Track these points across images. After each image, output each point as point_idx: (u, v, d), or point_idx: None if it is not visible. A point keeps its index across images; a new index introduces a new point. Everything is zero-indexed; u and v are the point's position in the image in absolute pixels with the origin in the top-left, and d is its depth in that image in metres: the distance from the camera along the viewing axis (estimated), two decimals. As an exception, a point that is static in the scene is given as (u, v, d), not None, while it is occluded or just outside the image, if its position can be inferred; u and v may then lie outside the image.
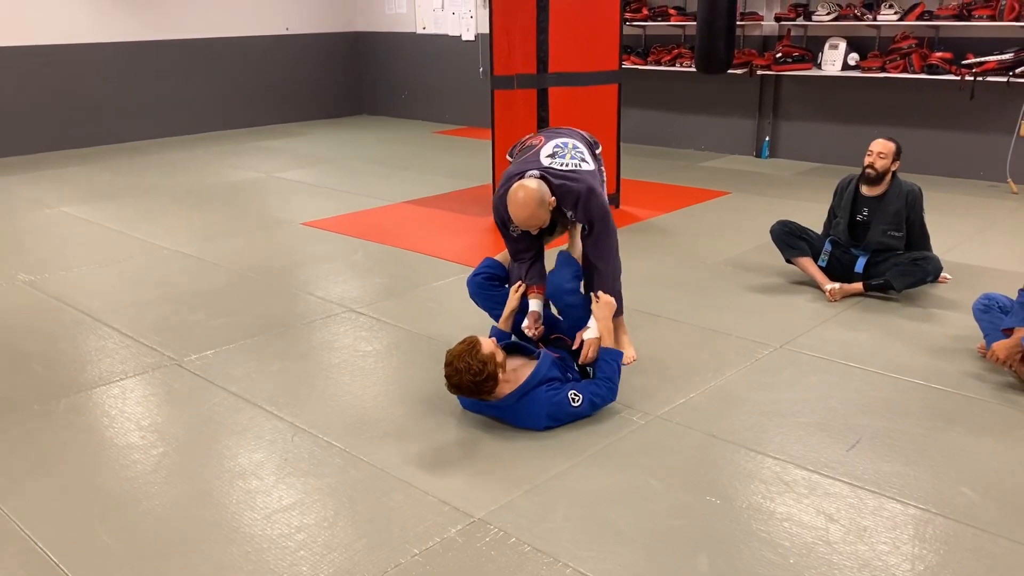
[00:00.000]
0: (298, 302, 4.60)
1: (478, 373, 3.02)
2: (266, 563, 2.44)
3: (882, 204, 4.46)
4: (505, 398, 3.13)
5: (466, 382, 3.04)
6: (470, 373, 3.02)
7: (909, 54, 7.07)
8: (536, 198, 3.28)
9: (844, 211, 4.58)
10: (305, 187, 7.53)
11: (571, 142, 3.55)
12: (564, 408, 3.15)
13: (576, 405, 3.15)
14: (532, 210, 3.29)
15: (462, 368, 3.03)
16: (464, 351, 3.06)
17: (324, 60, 11.53)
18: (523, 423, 3.17)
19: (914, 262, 4.36)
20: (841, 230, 4.58)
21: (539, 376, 3.16)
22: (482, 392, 3.09)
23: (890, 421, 3.19)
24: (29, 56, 9.00)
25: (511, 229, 3.50)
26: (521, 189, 3.30)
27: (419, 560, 2.44)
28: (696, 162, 8.31)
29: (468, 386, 3.06)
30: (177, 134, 10.29)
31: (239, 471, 2.93)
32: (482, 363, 3.03)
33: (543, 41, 5.60)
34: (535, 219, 3.34)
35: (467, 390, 3.08)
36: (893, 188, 4.46)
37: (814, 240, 4.67)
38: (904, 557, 2.41)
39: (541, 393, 3.14)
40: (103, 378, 3.68)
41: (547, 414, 3.14)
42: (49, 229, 6.22)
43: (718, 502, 2.70)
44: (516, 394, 3.13)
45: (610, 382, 3.25)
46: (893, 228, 4.44)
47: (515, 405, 3.14)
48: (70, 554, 2.50)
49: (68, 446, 3.13)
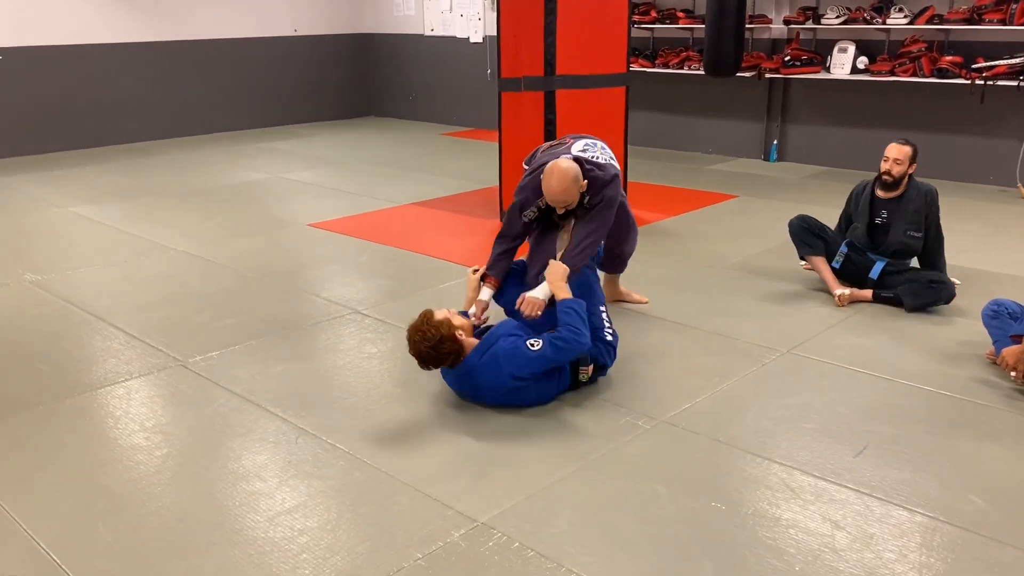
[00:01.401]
0: (304, 303, 4.60)
1: (431, 339, 3.14)
2: (268, 566, 2.43)
3: (901, 204, 4.43)
4: (468, 358, 3.24)
5: (424, 350, 3.16)
6: (425, 341, 3.15)
7: (919, 58, 7.04)
8: (573, 173, 3.52)
9: (862, 215, 4.53)
10: (312, 188, 7.53)
11: (599, 143, 3.81)
12: (522, 352, 3.17)
13: (535, 349, 3.17)
14: (567, 184, 3.50)
15: (417, 338, 3.17)
16: (418, 322, 3.21)
17: (332, 61, 11.55)
18: (488, 382, 3.23)
19: (929, 284, 4.31)
20: (860, 234, 4.53)
21: (500, 330, 3.30)
22: (443, 356, 3.20)
23: (898, 427, 3.16)
24: (38, 56, 9.03)
25: (528, 210, 3.70)
26: (561, 164, 3.53)
27: (422, 564, 2.43)
28: (704, 165, 8.28)
29: (428, 353, 3.17)
30: (185, 135, 10.31)
31: (243, 473, 2.92)
32: (435, 328, 3.16)
33: (551, 43, 5.58)
34: (567, 194, 3.54)
35: (429, 358, 3.19)
36: (911, 189, 4.43)
37: (831, 240, 4.62)
38: (911, 565, 2.39)
39: (501, 343, 3.23)
40: (108, 378, 3.68)
41: (507, 360, 3.18)
42: (57, 229, 6.23)
43: (723, 508, 2.68)
44: (478, 351, 3.23)
45: (570, 326, 3.23)
46: (914, 228, 4.40)
47: (478, 363, 3.22)
48: (72, 554, 2.49)
49: (72, 446, 3.13)
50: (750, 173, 7.89)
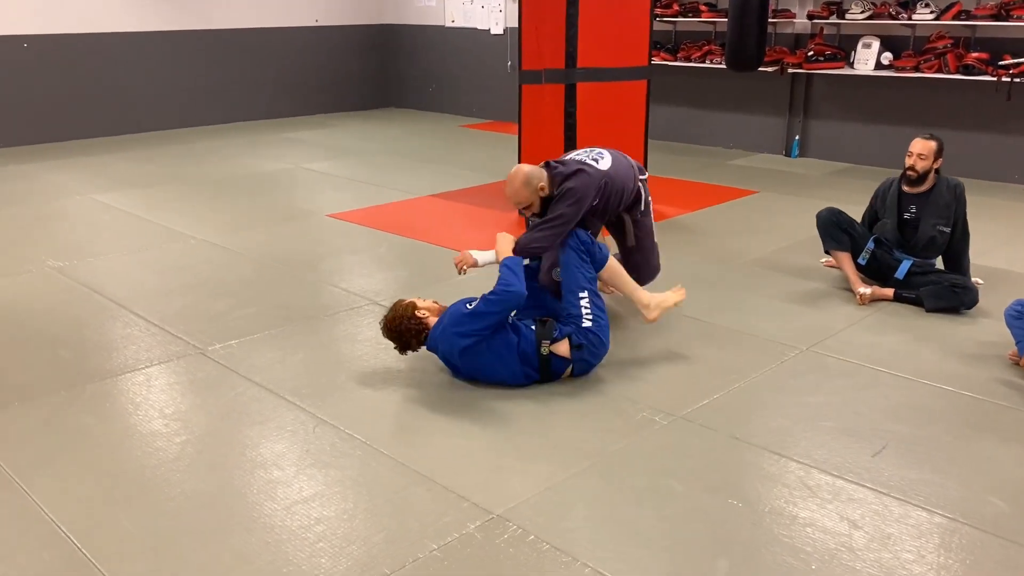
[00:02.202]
0: (322, 294, 4.62)
1: (389, 318, 3.49)
2: (285, 554, 2.44)
3: (931, 199, 4.38)
4: (431, 333, 3.47)
5: (383, 328, 3.51)
6: (384, 320, 3.51)
7: (944, 54, 6.96)
8: (522, 176, 3.70)
9: (891, 211, 4.49)
10: (332, 179, 7.55)
11: (606, 151, 3.94)
12: (460, 312, 3.39)
13: (470, 307, 3.37)
14: (517, 186, 3.69)
15: (382, 324, 3.53)
16: (389, 310, 3.56)
17: (353, 52, 11.56)
18: (446, 348, 3.42)
19: (952, 288, 4.26)
20: (890, 230, 4.48)
21: (454, 305, 3.49)
22: (404, 335, 3.47)
23: (918, 428, 3.14)
24: (62, 44, 9.10)
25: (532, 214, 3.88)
26: (516, 167, 3.77)
27: (437, 555, 2.43)
28: (725, 160, 8.23)
29: (389, 333, 3.50)
30: (206, 124, 10.36)
31: (261, 461, 2.94)
32: (393, 310, 3.50)
33: (572, 36, 5.56)
34: (519, 195, 3.72)
35: (392, 337, 3.50)
36: (940, 183, 4.39)
37: (858, 236, 4.57)
38: (929, 566, 2.37)
39: (448, 310, 3.48)
40: (128, 365, 3.71)
41: (450, 323, 3.38)
42: (78, 216, 6.29)
43: (740, 505, 2.67)
44: (437, 325, 3.47)
45: (502, 280, 3.39)
46: (943, 223, 4.36)
47: (437, 334, 3.44)
48: (92, 538, 2.52)
49: (93, 432, 3.16)
50: (771, 169, 7.83)
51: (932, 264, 4.47)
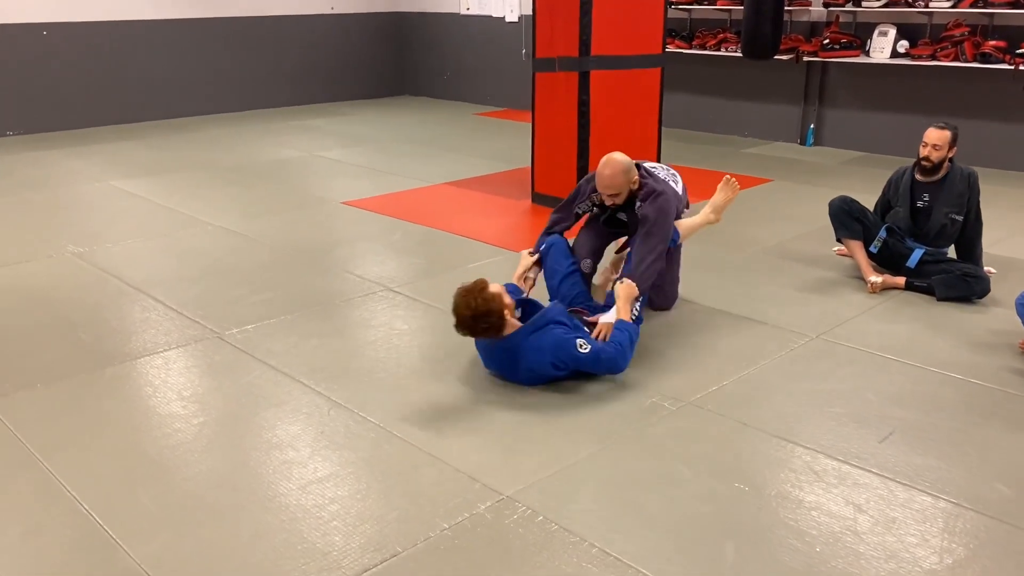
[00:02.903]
0: (337, 280, 4.67)
1: (475, 308, 3.20)
2: (300, 532, 2.50)
3: (944, 187, 4.38)
4: (513, 335, 3.28)
5: (464, 315, 3.23)
6: (468, 308, 3.21)
7: (961, 42, 6.91)
8: (625, 164, 3.75)
9: (904, 199, 4.49)
10: (346, 166, 7.61)
11: (671, 169, 4.14)
12: (570, 350, 3.25)
13: (583, 351, 3.26)
14: (617, 171, 3.73)
15: (461, 303, 3.23)
16: (469, 288, 3.26)
17: (368, 40, 11.60)
18: (528, 364, 3.28)
19: (964, 277, 4.26)
20: (902, 218, 4.49)
21: (550, 314, 3.34)
22: (480, 328, 3.26)
23: (925, 414, 3.16)
24: (80, 32, 9.18)
25: (582, 203, 3.99)
26: (614, 154, 3.77)
27: (448, 534, 2.49)
28: (739, 148, 8.22)
29: (466, 320, 3.23)
30: (222, 111, 10.44)
31: (276, 442, 3.00)
32: (484, 300, 3.21)
33: (586, 23, 5.57)
34: (615, 180, 3.74)
35: (466, 325, 3.25)
36: (953, 172, 4.39)
37: (870, 225, 4.57)
38: (932, 550, 2.40)
39: (552, 330, 3.28)
40: (147, 349, 3.79)
41: (553, 350, 3.25)
42: (97, 203, 6.38)
43: (747, 489, 2.71)
44: (526, 330, 3.28)
45: (620, 345, 3.33)
46: (955, 211, 4.36)
47: (523, 342, 3.27)
48: (113, 515, 2.59)
49: (113, 413, 3.24)
50: (786, 157, 7.82)
51: (944, 253, 4.47)
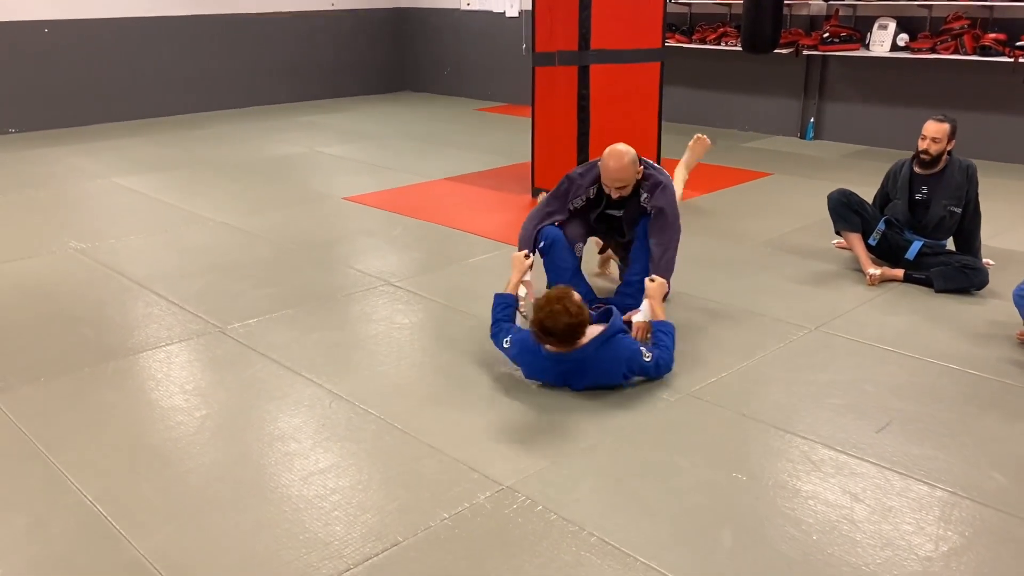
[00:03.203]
0: (338, 275, 4.70)
1: (576, 315, 3.10)
2: (302, 522, 2.53)
3: (943, 179, 4.40)
4: (585, 346, 3.19)
5: (562, 324, 3.09)
6: (568, 315, 3.08)
7: (961, 35, 6.91)
8: (631, 155, 3.68)
9: (902, 191, 4.51)
10: (347, 162, 7.63)
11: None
12: (639, 360, 3.27)
13: (647, 360, 3.28)
14: (626, 163, 3.67)
15: (559, 310, 3.08)
16: (562, 295, 3.14)
17: (368, 36, 11.61)
18: (600, 373, 3.24)
19: (962, 269, 4.29)
20: (901, 210, 4.51)
21: (617, 326, 3.30)
22: (573, 338, 3.15)
23: (923, 405, 3.18)
24: (81, 30, 9.20)
25: (575, 196, 3.87)
26: (616, 147, 3.71)
27: (448, 524, 2.51)
28: (739, 142, 8.23)
29: (563, 329, 3.10)
30: (224, 108, 10.46)
31: (278, 434, 3.03)
32: (578, 307, 3.13)
33: (586, 18, 5.58)
34: (625, 172, 3.69)
35: (560, 334, 3.12)
36: (952, 164, 4.40)
37: (869, 217, 4.60)
38: (928, 538, 2.43)
39: (622, 340, 3.27)
40: (150, 343, 3.81)
41: (628, 361, 3.25)
42: (99, 199, 6.40)
43: (744, 479, 2.73)
44: (598, 341, 3.21)
45: (668, 349, 3.39)
46: (954, 203, 4.38)
47: (595, 353, 3.21)
48: (118, 507, 2.62)
49: (116, 407, 3.26)
50: (785, 151, 7.83)
51: (943, 245, 4.49)
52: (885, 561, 2.33)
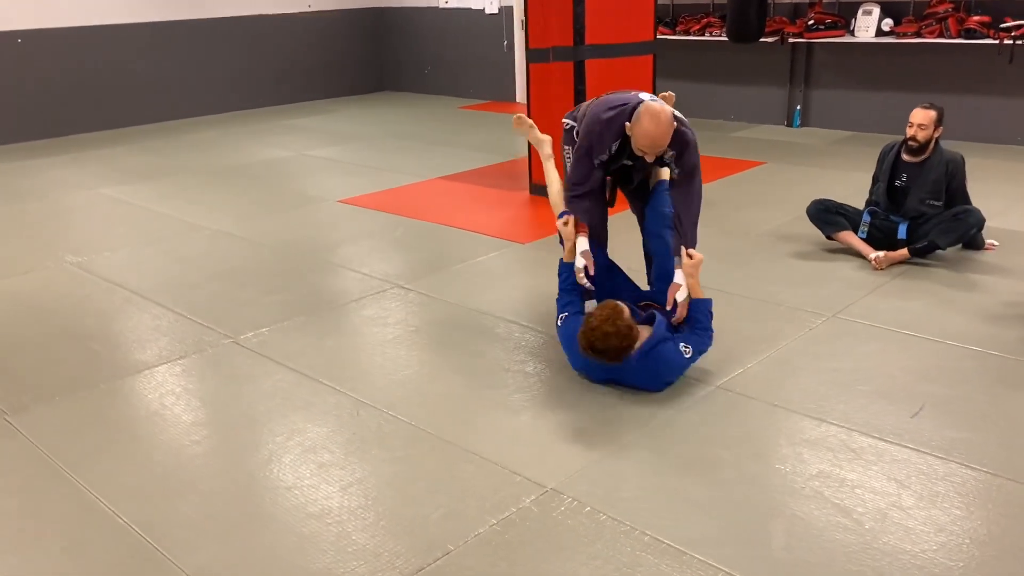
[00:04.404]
0: (345, 279, 4.64)
1: (626, 336, 3.03)
2: (347, 534, 2.48)
3: (922, 172, 4.44)
4: (629, 358, 3.12)
5: (612, 347, 3.03)
6: (617, 336, 3.01)
7: (945, 18, 6.97)
8: (670, 115, 3.22)
9: (884, 174, 4.59)
10: (337, 164, 7.54)
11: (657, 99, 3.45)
12: (679, 361, 3.22)
13: (687, 356, 3.23)
14: (665, 127, 3.19)
15: (610, 332, 3.01)
16: (612, 314, 3.05)
17: (346, 36, 11.50)
18: (642, 380, 3.22)
19: (955, 217, 4.37)
20: (881, 193, 4.59)
21: (659, 335, 3.21)
22: (621, 357, 3.08)
23: (952, 388, 3.19)
24: (57, 38, 9.01)
25: (599, 153, 3.40)
26: (655, 108, 3.20)
27: (497, 529, 2.48)
28: (728, 132, 8.25)
29: (613, 351, 3.04)
30: (205, 113, 10.31)
31: (310, 445, 2.97)
32: (628, 327, 3.05)
33: (580, 13, 5.55)
34: (664, 139, 3.22)
35: (610, 355, 3.05)
36: (934, 156, 4.43)
37: (851, 214, 4.69)
38: (980, 521, 2.43)
39: (663, 349, 3.19)
40: (164, 356, 3.73)
41: (666, 371, 3.22)
42: (89, 210, 6.27)
43: (787, 470, 2.72)
44: (641, 352, 3.15)
45: (708, 331, 3.33)
46: (932, 198, 4.42)
47: (637, 364, 3.16)
48: (155, 527, 2.55)
49: (138, 423, 3.19)
50: (774, 139, 7.86)
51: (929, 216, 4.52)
52: (941, 547, 2.33)
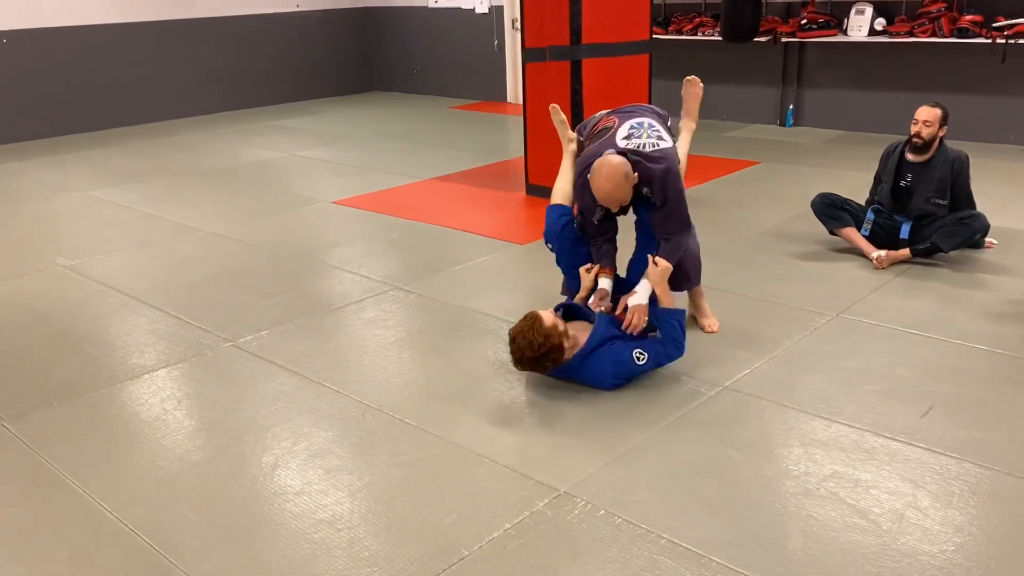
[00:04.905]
0: (343, 281, 4.59)
1: (539, 347, 3.13)
2: (359, 540, 2.44)
3: (927, 171, 4.44)
4: (569, 362, 3.21)
5: (528, 357, 3.16)
6: (531, 348, 3.13)
7: (938, 18, 6.99)
8: (621, 172, 3.25)
9: (888, 175, 4.57)
10: (328, 165, 7.48)
11: (646, 121, 3.48)
12: (629, 366, 3.22)
13: (641, 363, 3.22)
14: (617, 182, 3.25)
15: (523, 345, 3.14)
16: (525, 327, 3.16)
17: (335, 36, 11.43)
18: (588, 378, 3.25)
19: (960, 221, 4.34)
20: (885, 194, 4.57)
21: (598, 337, 3.25)
22: (546, 364, 3.19)
23: (961, 387, 3.18)
24: (42, 39, 8.90)
25: (595, 214, 3.48)
26: (606, 165, 3.26)
27: (512, 533, 2.44)
28: (721, 132, 8.25)
29: (531, 361, 3.17)
30: (193, 114, 10.22)
31: (316, 450, 2.92)
32: (544, 336, 3.12)
33: (576, 12, 5.53)
34: (620, 192, 3.28)
35: (530, 364, 3.19)
36: (939, 155, 4.43)
37: (856, 210, 4.67)
38: (998, 520, 2.42)
39: (603, 352, 3.22)
40: (162, 360, 3.67)
41: (612, 372, 3.22)
42: (79, 213, 6.19)
43: (800, 471, 2.70)
44: (579, 356, 3.21)
45: (675, 341, 3.28)
46: (937, 196, 4.42)
47: (580, 367, 3.23)
48: (161, 534, 2.50)
49: (139, 428, 3.13)
50: (768, 139, 7.86)
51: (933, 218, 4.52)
52: (959, 547, 2.32)
